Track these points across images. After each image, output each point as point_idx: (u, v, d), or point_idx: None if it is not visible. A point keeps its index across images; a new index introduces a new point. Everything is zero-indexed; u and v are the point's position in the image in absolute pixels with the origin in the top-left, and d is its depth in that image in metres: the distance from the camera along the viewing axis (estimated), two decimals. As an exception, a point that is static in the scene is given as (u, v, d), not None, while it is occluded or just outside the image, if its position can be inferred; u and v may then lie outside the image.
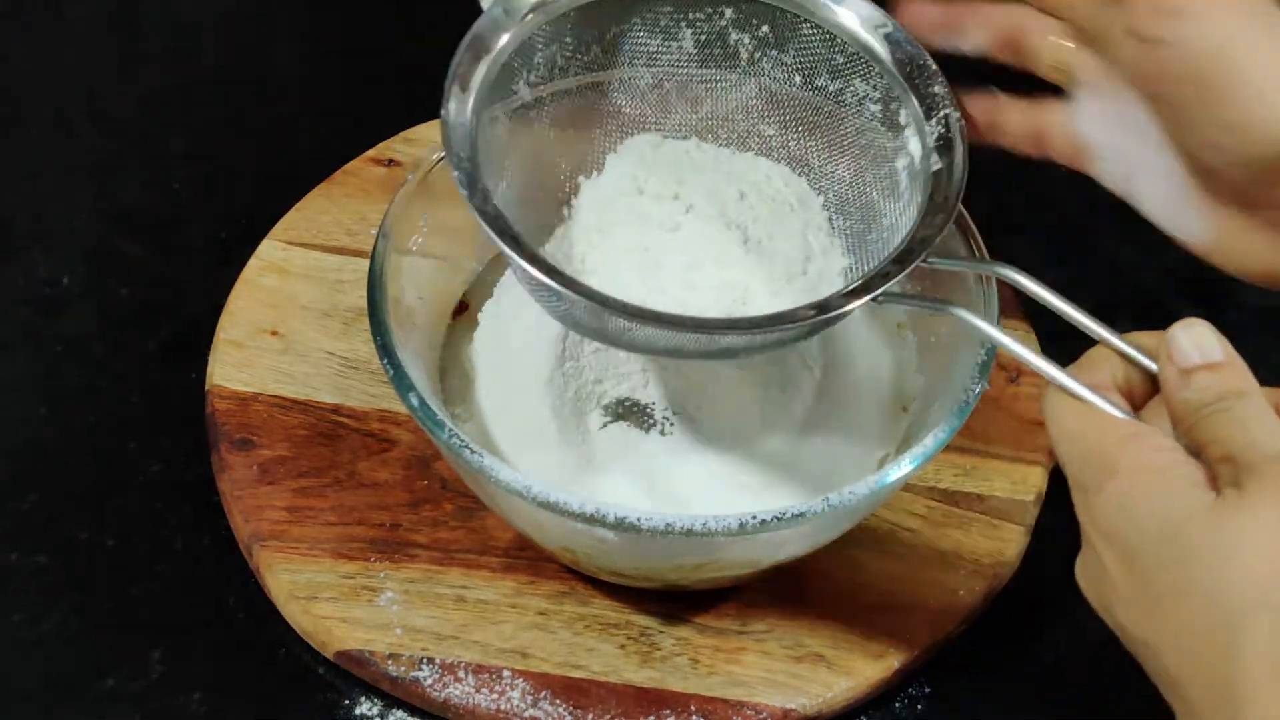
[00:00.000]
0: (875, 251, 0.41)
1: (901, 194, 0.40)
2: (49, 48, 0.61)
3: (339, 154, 0.55)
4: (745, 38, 0.42)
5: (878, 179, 0.41)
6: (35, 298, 0.52)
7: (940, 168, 0.39)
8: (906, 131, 0.40)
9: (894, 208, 0.41)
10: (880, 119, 0.41)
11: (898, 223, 0.40)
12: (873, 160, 0.42)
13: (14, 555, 0.45)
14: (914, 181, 0.40)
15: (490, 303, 0.46)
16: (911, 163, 0.40)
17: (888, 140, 0.41)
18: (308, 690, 0.43)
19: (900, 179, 0.40)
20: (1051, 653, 0.45)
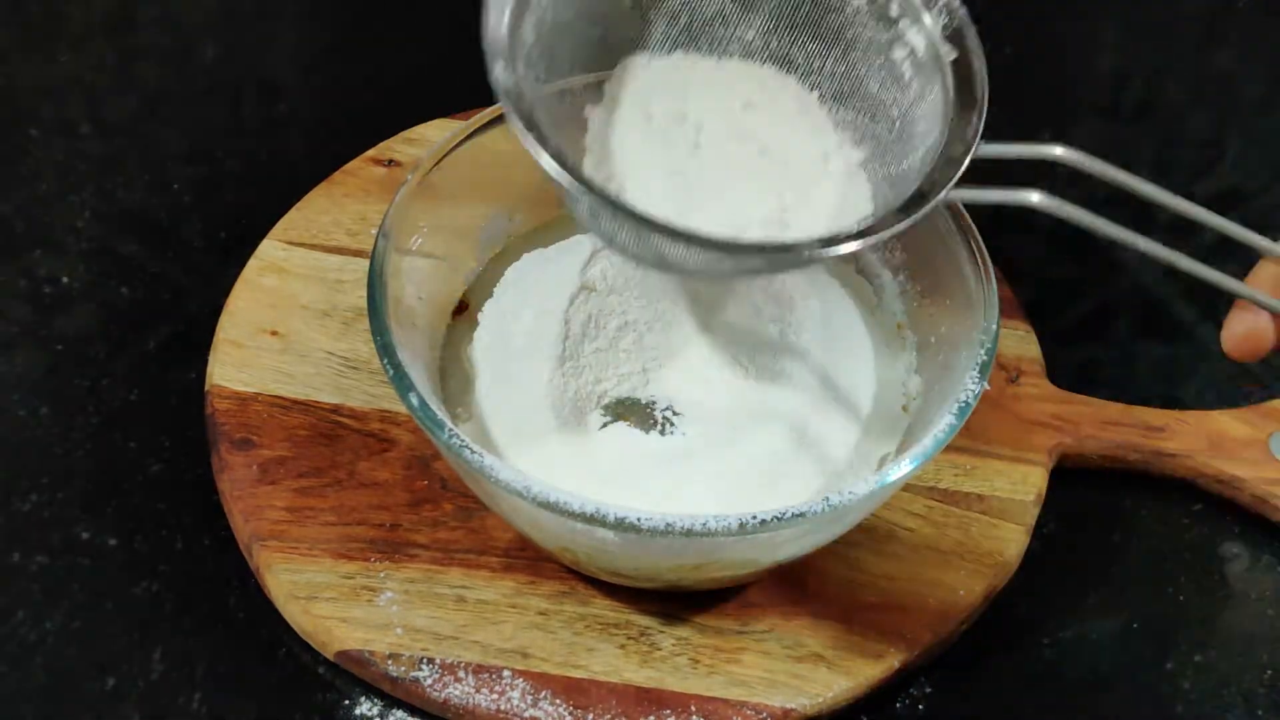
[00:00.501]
0: (888, 142, 0.40)
1: (908, 84, 0.40)
2: (49, 47, 0.61)
3: (339, 154, 0.55)
4: None
5: (874, 70, 0.41)
6: (35, 297, 0.52)
7: (956, 56, 0.39)
8: (901, 23, 0.40)
9: (902, 97, 0.40)
10: (867, 11, 0.40)
11: (911, 112, 0.40)
12: (864, 53, 0.41)
13: (15, 555, 0.45)
14: (922, 72, 0.40)
15: (490, 302, 0.46)
16: (914, 53, 0.40)
17: (879, 33, 0.40)
18: (308, 690, 0.43)
19: (902, 70, 0.40)
20: (1051, 652, 0.45)
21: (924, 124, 0.39)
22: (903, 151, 0.40)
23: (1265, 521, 0.49)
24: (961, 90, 0.39)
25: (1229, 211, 0.59)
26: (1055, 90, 0.64)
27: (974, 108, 0.38)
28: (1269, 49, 0.68)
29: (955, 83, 0.39)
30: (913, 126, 0.40)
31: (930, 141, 0.39)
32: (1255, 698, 0.45)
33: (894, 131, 0.40)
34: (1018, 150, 0.38)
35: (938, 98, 0.39)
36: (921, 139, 0.39)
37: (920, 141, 0.39)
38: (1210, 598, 0.47)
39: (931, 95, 0.39)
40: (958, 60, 0.39)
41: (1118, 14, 0.69)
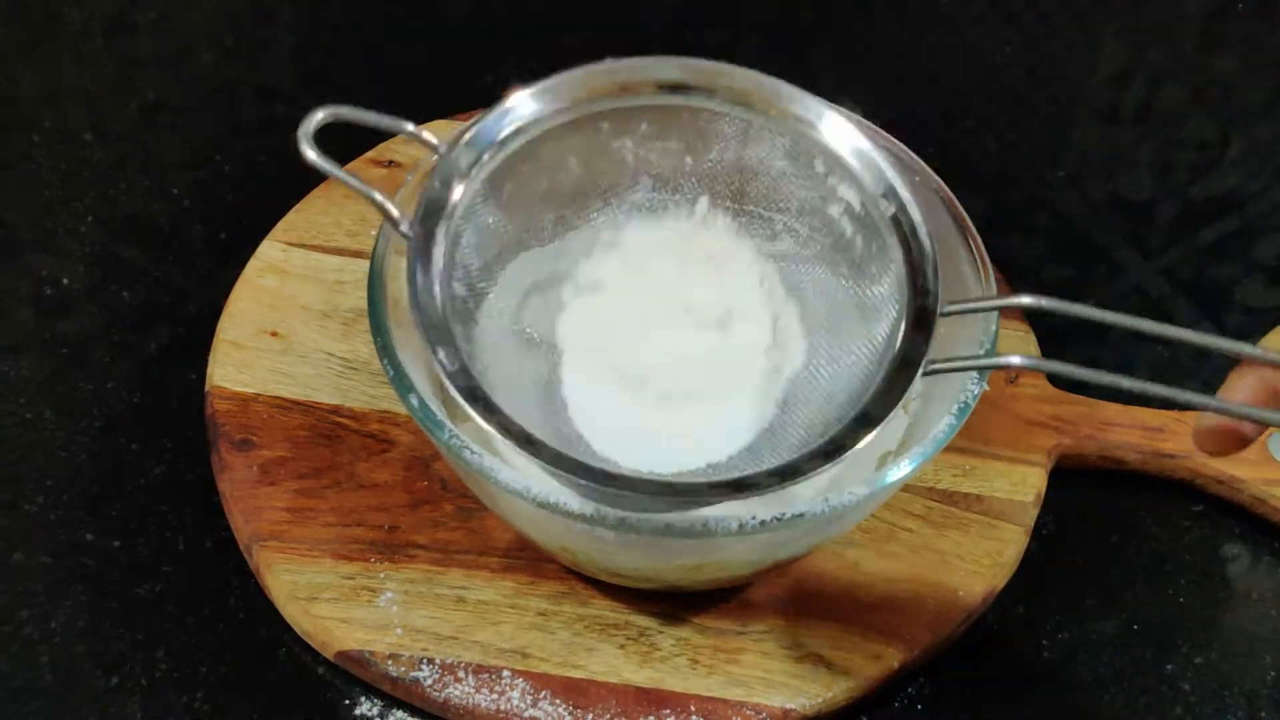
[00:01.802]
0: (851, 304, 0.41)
1: (851, 240, 0.40)
2: (49, 52, 0.61)
3: (339, 155, 0.55)
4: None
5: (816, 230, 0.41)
6: (39, 301, 0.52)
7: (894, 211, 0.39)
8: (829, 180, 0.40)
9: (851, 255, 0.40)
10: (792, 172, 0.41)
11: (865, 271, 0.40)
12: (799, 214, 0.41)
13: (20, 555, 0.45)
14: (865, 229, 0.40)
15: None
16: (850, 209, 0.40)
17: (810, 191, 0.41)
18: (308, 690, 0.43)
19: (842, 227, 0.40)
20: (1050, 653, 0.45)
21: (881, 289, 0.39)
22: (865, 322, 0.40)
23: (1265, 522, 0.49)
24: (909, 247, 0.38)
25: (1228, 214, 0.60)
26: (1055, 91, 0.65)
27: (928, 265, 0.38)
28: (1269, 51, 0.68)
29: (901, 241, 0.39)
30: (870, 287, 0.40)
31: (894, 310, 0.38)
32: (1256, 699, 0.45)
33: (853, 293, 0.41)
34: (986, 304, 0.38)
35: (889, 256, 0.39)
36: (886, 302, 0.39)
37: (882, 310, 0.39)
38: (1210, 598, 0.47)
39: (880, 253, 0.39)
40: (896, 216, 0.39)
41: (1118, 15, 0.69)
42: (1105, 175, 0.61)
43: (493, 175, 0.39)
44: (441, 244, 0.38)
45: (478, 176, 0.39)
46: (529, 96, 0.40)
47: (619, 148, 0.41)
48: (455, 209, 0.38)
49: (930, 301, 0.38)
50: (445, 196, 0.38)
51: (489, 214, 0.40)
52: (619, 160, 0.42)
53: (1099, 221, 0.59)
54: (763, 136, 0.41)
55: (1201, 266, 0.58)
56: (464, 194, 0.39)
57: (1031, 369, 0.35)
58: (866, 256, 0.40)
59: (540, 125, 0.40)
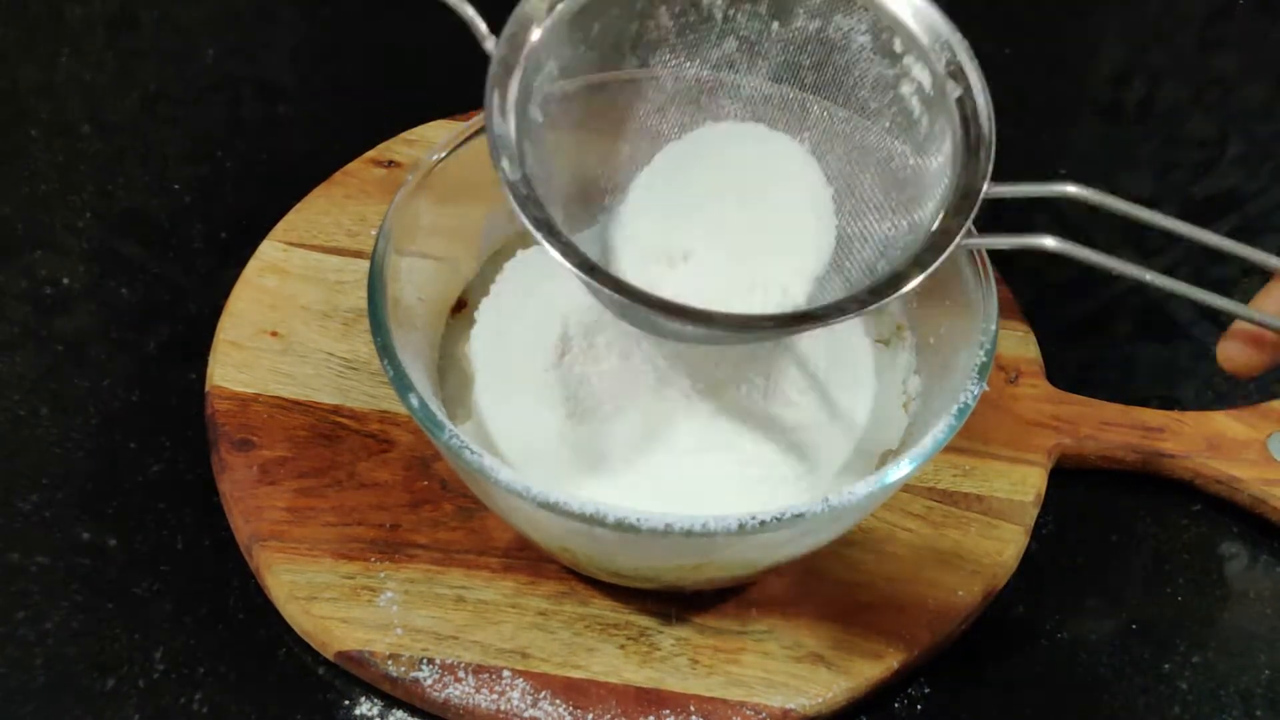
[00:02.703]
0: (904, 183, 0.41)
1: (917, 120, 0.40)
2: (49, 48, 0.61)
3: (339, 154, 0.55)
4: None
5: (884, 108, 0.41)
6: (36, 298, 0.52)
7: (960, 93, 0.39)
8: (905, 59, 0.40)
9: (914, 135, 0.41)
10: (871, 48, 0.41)
11: (924, 151, 0.40)
12: (873, 90, 0.41)
13: (15, 555, 0.45)
14: (931, 108, 0.40)
15: (488, 300, 0.46)
16: (920, 89, 0.40)
17: (885, 69, 0.41)
18: (308, 690, 0.43)
19: (910, 106, 0.40)
20: (1050, 653, 0.45)
21: (936, 164, 0.40)
22: (917, 194, 0.40)
23: (1264, 522, 0.49)
24: (968, 129, 0.39)
25: (1228, 213, 0.60)
26: (1056, 91, 0.65)
27: (982, 145, 0.39)
28: (1269, 49, 0.68)
29: (962, 121, 0.39)
30: (926, 166, 0.40)
31: (945, 183, 0.39)
32: (1253, 698, 0.45)
33: (908, 172, 0.41)
34: (1030, 189, 0.39)
35: (946, 136, 0.39)
36: (935, 180, 0.40)
37: (933, 183, 0.40)
38: (1209, 598, 0.47)
39: (941, 133, 0.40)
40: (962, 97, 0.39)
41: (1118, 14, 0.69)
42: (1105, 175, 0.61)
43: (575, 16, 0.40)
44: (521, 64, 0.38)
45: (559, 15, 0.39)
46: None
47: (708, 4, 0.42)
48: (534, 46, 0.39)
49: (979, 179, 0.38)
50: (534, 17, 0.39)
51: (567, 59, 0.40)
52: (707, 17, 0.42)
53: (1099, 221, 0.59)
54: (847, 7, 0.41)
55: (1201, 266, 0.58)
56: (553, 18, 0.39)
57: (1065, 254, 0.36)
58: (930, 135, 0.40)
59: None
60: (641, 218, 0.41)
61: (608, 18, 0.41)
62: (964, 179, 0.38)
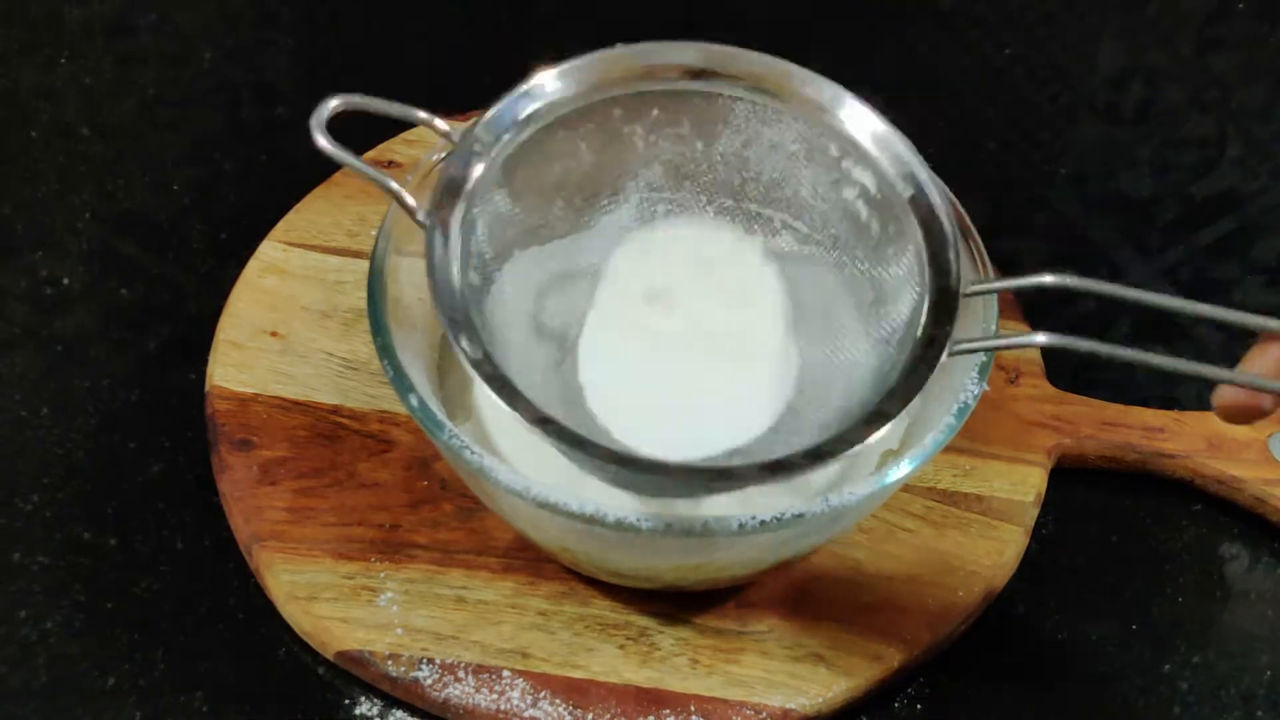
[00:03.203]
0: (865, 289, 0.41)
1: (866, 224, 0.40)
2: (49, 50, 0.61)
3: (339, 155, 0.55)
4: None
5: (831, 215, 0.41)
6: (36, 298, 0.52)
7: (912, 193, 0.39)
8: (844, 162, 0.40)
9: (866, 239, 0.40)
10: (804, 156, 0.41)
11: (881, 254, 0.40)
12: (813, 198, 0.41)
13: (16, 555, 0.45)
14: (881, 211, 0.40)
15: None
16: (865, 192, 0.40)
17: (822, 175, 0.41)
18: (308, 690, 0.43)
19: (856, 210, 0.40)
20: (1051, 653, 0.45)
21: (898, 269, 0.39)
22: (880, 306, 0.40)
23: (1264, 522, 0.49)
24: (930, 229, 0.38)
25: (1227, 214, 0.60)
26: (1055, 91, 0.65)
27: (948, 246, 0.38)
28: (1268, 51, 0.68)
29: (921, 222, 0.38)
30: (886, 270, 0.40)
31: (911, 290, 0.38)
32: (1254, 699, 0.45)
33: (868, 277, 0.40)
34: (1009, 284, 0.38)
35: (906, 240, 0.39)
36: (904, 284, 0.39)
37: (898, 289, 0.39)
38: (1209, 598, 0.47)
39: (898, 237, 0.39)
40: (915, 198, 0.39)
41: (1118, 15, 0.69)
42: (1105, 175, 0.61)
43: (506, 162, 0.39)
44: (457, 232, 0.38)
45: (491, 163, 0.39)
46: (540, 83, 0.40)
47: (630, 134, 0.41)
48: (470, 196, 0.38)
49: (953, 282, 0.38)
50: (460, 184, 0.38)
51: (503, 201, 0.40)
52: (631, 147, 0.42)
53: (1099, 221, 0.59)
54: (777, 121, 0.41)
55: (1201, 266, 0.58)
56: (478, 181, 0.39)
57: (1057, 347, 0.35)
58: (884, 240, 0.40)
59: (552, 112, 0.40)
60: (595, 372, 0.41)
61: (530, 165, 0.40)
62: (937, 282, 0.38)
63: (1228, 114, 0.64)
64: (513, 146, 0.39)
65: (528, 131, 0.40)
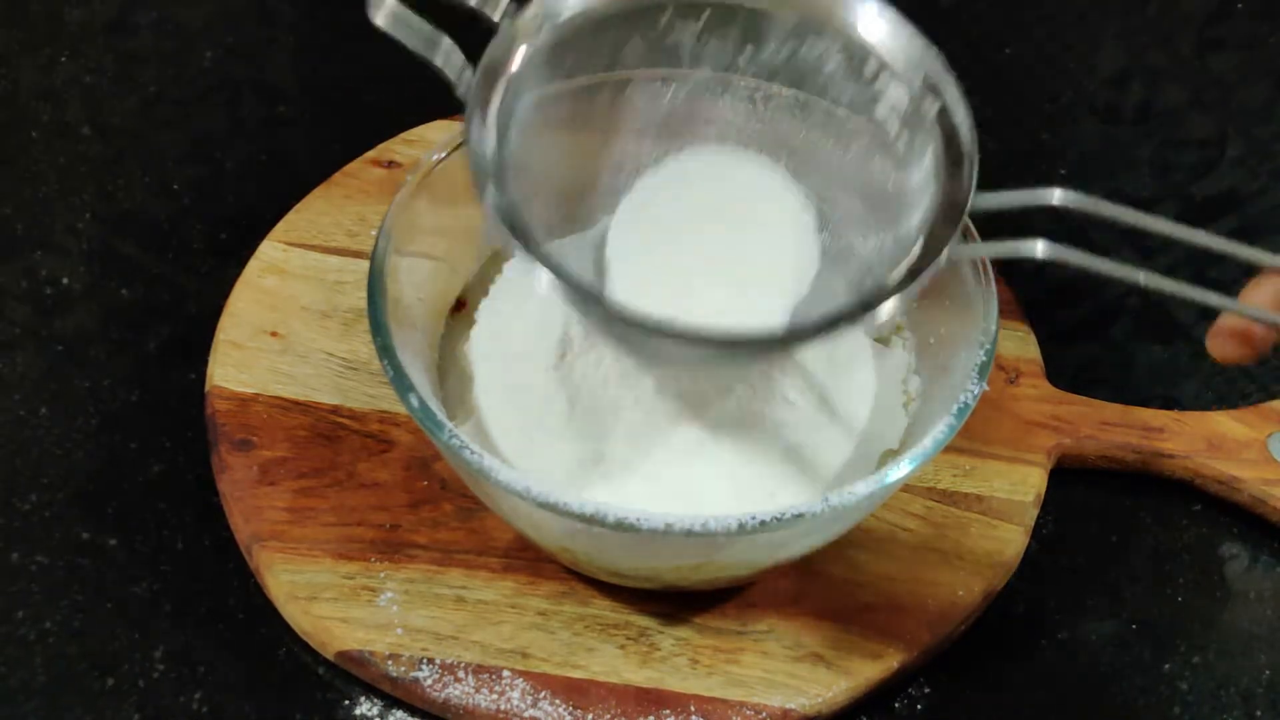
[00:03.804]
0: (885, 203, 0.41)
1: (894, 141, 0.40)
2: (49, 49, 0.61)
3: (339, 155, 0.55)
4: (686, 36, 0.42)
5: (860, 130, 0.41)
6: (36, 298, 0.52)
7: (939, 107, 0.39)
8: (879, 81, 0.40)
9: (891, 155, 0.40)
10: (843, 74, 0.41)
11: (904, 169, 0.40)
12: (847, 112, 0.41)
13: (15, 555, 0.45)
14: (908, 127, 0.40)
15: (487, 301, 0.46)
16: (895, 109, 0.40)
17: (859, 92, 0.41)
18: (308, 690, 0.43)
19: (886, 127, 0.40)
20: (1050, 653, 0.45)
21: (917, 180, 0.39)
22: (900, 210, 0.40)
23: (1264, 522, 0.49)
24: (949, 145, 0.39)
25: (1228, 214, 0.60)
26: (1055, 91, 0.65)
27: (963, 161, 0.38)
28: (1268, 51, 0.68)
29: (942, 136, 0.39)
30: (907, 183, 0.40)
31: (927, 200, 0.39)
32: (1253, 698, 0.45)
33: (889, 190, 0.41)
34: (1015, 198, 0.38)
35: (927, 154, 0.39)
36: (917, 197, 0.39)
37: (916, 199, 0.39)
38: (1209, 598, 0.47)
39: (921, 149, 0.39)
40: (941, 112, 0.39)
41: (1117, 15, 0.69)
42: (1105, 175, 0.61)
43: (552, 48, 0.40)
44: (499, 92, 0.38)
45: (536, 46, 0.39)
46: None
47: (675, 42, 0.42)
48: (511, 80, 0.39)
49: (962, 195, 0.38)
50: (503, 62, 0.39)
51: (542, 89, 0.40)
52: (675, 53, 0.42)
53: (1099, 221, 0.59)
54: (817, 34, 0.41)
55: (1201, 267, 0.58)
56: (522, 62, 0.39)
57: (1057, 259, 0.36)
58: (909, 151, 0.40)
59: (603, 8, 0.40)
60: (624, 249, 0.41)
61: (581, 50, 0.40)
62: (949, 192, 0.38)
63: (1228, 114, 0.64)
64: (556, 35, 0.39)
65: (572, 23, 0.40)
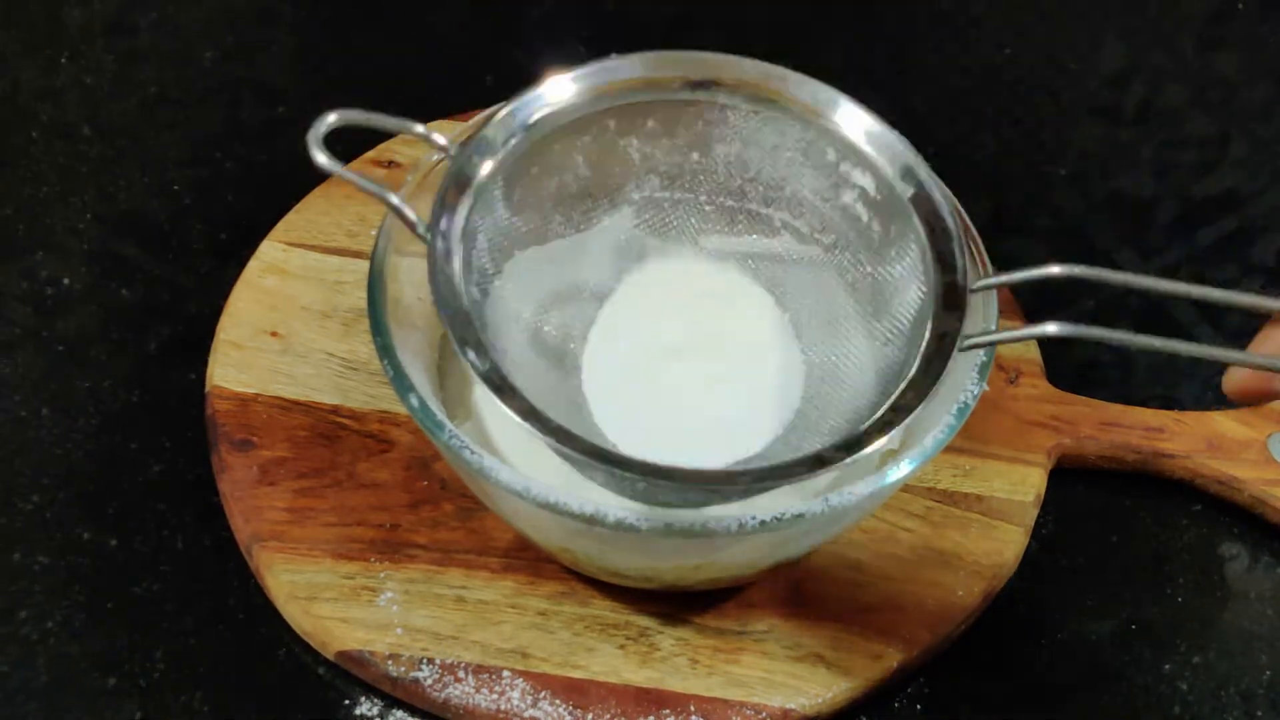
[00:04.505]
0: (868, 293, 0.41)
1: (868, 226, 0.40)
2: (49, 51, 0.61)
3: (339, 155, 0.55)
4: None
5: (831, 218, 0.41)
6: (36, 299, 0.52)
7: (913, 192, 0.39)
8: (841, 166, 0.40)
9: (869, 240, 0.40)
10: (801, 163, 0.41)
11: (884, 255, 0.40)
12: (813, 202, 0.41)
13: (16, 555, 0.45)
14: (881, 212, 0.40)
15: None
16: (864, 194, 0.40)
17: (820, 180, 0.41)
18: (308, 690, 0.43)
19: (856, 212, 0.40)
20: (1050, 653, 0.45)
21: (900, 269, 0.39)
22: (886, 301, 0.40)
23: (1264, 522, 0.49)
24: (932, 230, 0.38)
25: (1228, 214, 0.60)
26: (1056, 91, 0.65)
27: (952, 241, 0.38)
28: (1269, 50, 0.68)
29: (922, 223, 0.39)
30: (890, 270, 0.40)
31: (917, 288, 0.38)
32: (1253, 698, 0.45)
33: (872, 278, 0.40)
34: (1017, 277, 0.38)
35: (908, 239, 0.39)
36: (904, 284, 0.39)
37: (902, 287, 0.39)
38: (1209, 598, 0.47)
39: (900, 236, 0.39)
40: (916, 196, 0.39)
41: (1118, 15, 0.69)
42: (1105, 175, 0.61)
43: (503, 175, 0.40)
44: (458, 244, 0.38)
45: (488, 176, 0.39)
46: (532, 97, 0.40)
47: (627, 145, 0.41)
48: (470, 207, 0.38)
49: (959, 277, 0.38)
50: (458, 195, 0.38)
51: (503, 211, 0.40)
52: (628, 158, 0.42)
53: (1099, 221, 0.59)
54: (776, 126, 0.41)
55: (1201, 267, 0.58)
56: (476, 191, 0.39)
57: (1069, 336, 0.35)
58: (886, 241, 0.40)
59: (547, 124, 0.40)
60: (600, 387, 0.41)
61: (527, 179, 0.40)
62: (943, 278, 0.38)
63: (1228, 114, 0.64)
64: (506, 162, 0.39)
65: (519, 147, 0.40)
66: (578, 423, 0.39)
